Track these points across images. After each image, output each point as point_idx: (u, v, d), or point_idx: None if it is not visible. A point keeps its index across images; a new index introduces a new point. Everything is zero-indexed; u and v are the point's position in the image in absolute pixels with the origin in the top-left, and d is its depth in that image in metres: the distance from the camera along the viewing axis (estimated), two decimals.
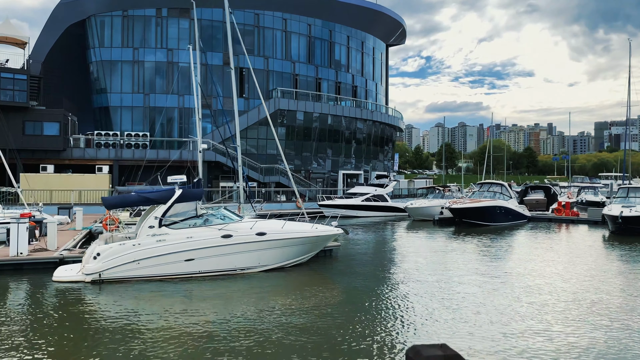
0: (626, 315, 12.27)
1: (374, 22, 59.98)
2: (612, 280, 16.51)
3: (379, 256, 23.10)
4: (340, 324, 11.69)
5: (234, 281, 16.13)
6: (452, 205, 34.69)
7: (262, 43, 50.26)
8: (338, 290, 15.70)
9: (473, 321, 11.79)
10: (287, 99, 50.24)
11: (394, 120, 64.45)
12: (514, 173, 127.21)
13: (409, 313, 12.66)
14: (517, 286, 15.58)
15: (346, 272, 18.37)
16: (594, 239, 28.30)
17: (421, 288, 15.63)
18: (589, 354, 9.66)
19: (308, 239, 17.31)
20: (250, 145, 48.73)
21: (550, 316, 12.21)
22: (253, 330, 11.20)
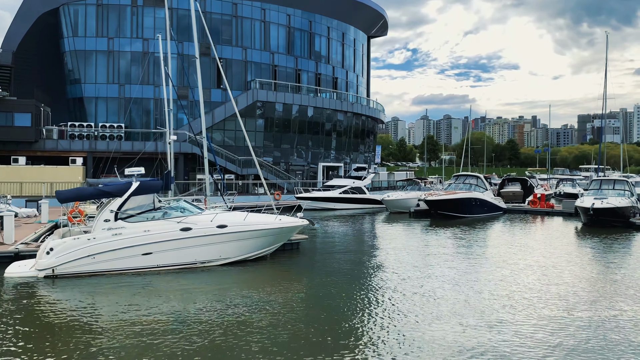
0: (588, 305, 12.21)
1: (355, 13, 59.53)
2: (578, 272, 16.49)
3: (347, 249, 22.92)
4: (303, 319, 11.51)
5: (194, 275, 15.83)
6: (427, 197, 34.66)
7: (240, 33, 49.60)
8: (301, 284, 15.48)
9: (439, 314, 11.65)
10: (265, 90, 49.72)
11: (375, 112, 64.21)
12: (497, 165, 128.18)
13: (374, 306, 12.49)
14: (483, 278, 15.49)
15: (311, 265, 18.17)
16: (565, 230, 28.44)
17: (387, 281, 15.46)
18: (555, 345, 9.56)
19: (271, 231, 17.04)
20: (228, 137, 48.22)
21: (512, 309, 12.10)
22: (213, 325, 10.96)
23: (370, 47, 70.40)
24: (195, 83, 49.29)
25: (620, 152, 63.45)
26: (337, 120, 56.58)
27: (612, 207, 27.65)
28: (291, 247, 19.98)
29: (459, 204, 34.65)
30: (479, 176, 38.27)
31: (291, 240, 19.66)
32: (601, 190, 31.27)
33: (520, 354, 9.22)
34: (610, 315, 11.60)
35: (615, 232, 26.42)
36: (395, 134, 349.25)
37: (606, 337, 10.12)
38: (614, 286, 14.54)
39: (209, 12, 48.30)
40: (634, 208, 29.71)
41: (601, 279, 15.53)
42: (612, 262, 18.46)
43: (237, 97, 48.19)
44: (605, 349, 9.45)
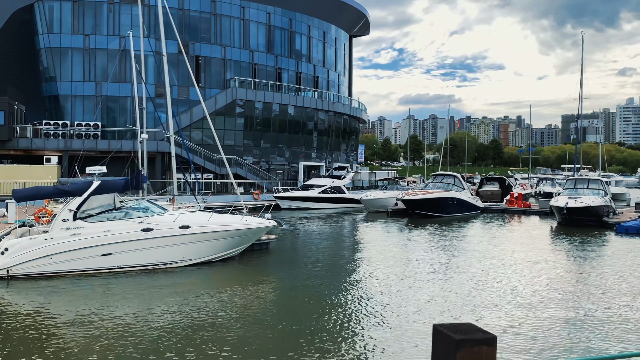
0: (553, 305, 12.13)
1: (336, 12, 59.32)
2: (546, 271, 16.44)
3: (318, 249, 22.71)
4: (267, 321, 11.30)
5: (156, 276, 15.51)
6: (404, 196, 34.58)
7: (219, 31, 49.11)
8: (268, 284, 15.26)
9: (406, 312, 11.50)
10: (245, 89, 49.31)
11: (356, 111, 64.08)
12: (480, 165, 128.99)
13: (341, 306, 12.31)
14: (451, 276, 15.37)
15: (280, 266, 17.95)
16: (539, 230, 28.54)
17: (356, 280, 15.31)
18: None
19: (236, 232, 16.76)
20: (207, 136, 47.67)
21: (479, 308, 11.98)
22: (176, 326, 10.72)
23: (352, 46, 70.23)
24: (173, 81, 48.89)
25: (599, 152, 64.11)
26: (318, 120, 56.35)
27: (586, 206, 27.78)
28: (260, 248, 19.71)
29: (435, 204, 34.61)
30: (457, 175, 38.30)
31: (260, 241, 19.40)
32: (576, 190, 31.43)
33: None
34: (575, 314, 11.53)
35: (588, 231, 26.54)
36: (382, 133, 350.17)
37: (565, 335, 10.04)
38: (579, 285, 14.50)
39: (187, 10, 47.80)
40: (607, 207, 29.91)
41: (568, 278, 15.50)
42: (581, 261, 18.48)
43: (216, 96, 47.82)
44: (564, 347, 9.36)
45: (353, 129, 65.49)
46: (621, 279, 15.43)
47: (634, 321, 11.06)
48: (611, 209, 30.79)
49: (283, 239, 23.66)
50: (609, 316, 11.38)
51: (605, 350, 9.32)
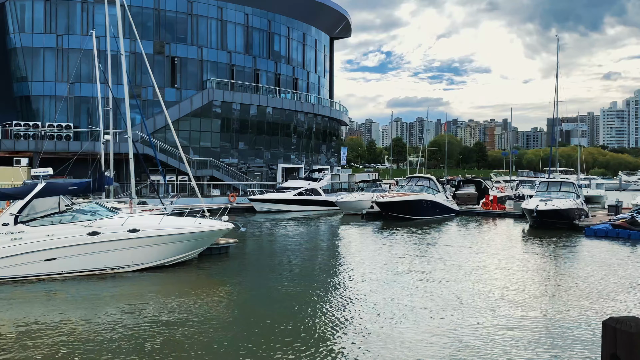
0: (514, 307, 11.81)
1: (316, 14, 59.04)
2: (508, 274, 16.16)
3: (283, 253, 22.26)
4: (217, 327, 10.86)
5: (103, 282, 14.97)
6: (378, 199, 34.28)
7: (196, 32, 48.56)
8: (221, 291, 14.75)
9: (367, 318, 11.10)
10: (222, 90, 48.79)
11: (337, 114, 63.82)
12: (464, 167, 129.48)
13: (301, 311, 11.92)
14: (412, 280, 15.01)
15: (237, 271, 17.46)
16: (510, 232, 28.34)
17: (317, 284, 14.91)
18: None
19: (188, 236, 16.27)
20: (183, 138, 47.02)
21: (435, 311, 11.62)
22: (124, 333, 10.27)
23: (333, 48, 70.00)
24: (149, 82, 48.18)
25: (578, 155, 64.46)
26: (298, 121, 55.96)
27: (556, 209, 27.65)
28: (219, 252, 19.22)
29: (410, 206, 34.36)
30: (432, 178, 38.08)
31: (218, 245, 18.93)
32: (549, 193, 31.34)
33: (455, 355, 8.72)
34: (537, 314, 11.22)
35: (558, 233, 26.41)
36: (369, 135, 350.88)
37: (524, 336, 9.71)
38: (534, 288, 14.21)
39: (163, 10, 47.19)
40: (579, 210, 29.83)
41: (526, 281, 15.21)
42: (545, 264, 18.23)
43: (192, 97, 47.25)
44: (526, 348, 9.03)
45: (334, 131, 65.20)
46: (583, 281, 15.18)
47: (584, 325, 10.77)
48: (583, 211, 30.74)
49: (246, 243, 23.21)
50: (561, 320, 11.08)
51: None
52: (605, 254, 20.55)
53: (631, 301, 12.97)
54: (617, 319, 2.63)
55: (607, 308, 12.28)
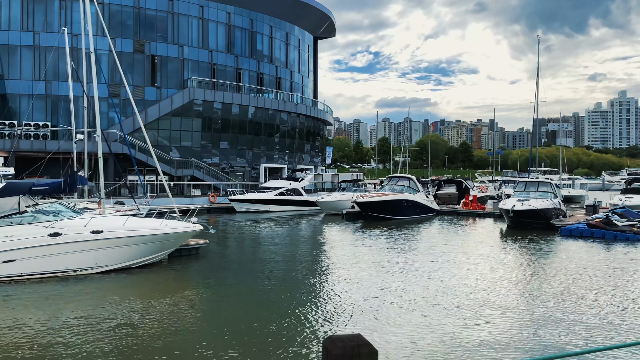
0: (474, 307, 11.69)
1: (299, 13, 58.78)
2: (478, 274, 16.06)
3: (255, 253, 22.02)
4: (182, 329, 10.59)
5: (65, 284, 14.62)
6: (358, 199, 34.16)
7: (176, 30, 48.06)
8: (188, 293, 14.44)
9: (336, 318, 10.88)
10: (203, 89, 48.34)
11: (321, 113, 63.60)
12: (450, 167, 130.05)
13: (268, 313, 11.70)
14: (380, 280, 14.85)
15: (206, 272, 17.15)
16: (487, 232, 28.34)
17: (287, 285, 14.71)
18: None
19: (154, 237, 15.96)
20: (163, 137, 46.59)
21: (405, 311, 11.45)
22: (79, 338, 9.93)
23: (317, 48, 69.79)
24: (128, 81, 47.58)
25: (560, 156, 64.91)
26: (281, 121, 55.66)
27: (533, 208, 27.70)
28: (189, 253, 18.92)
29: (390, 206, 34.28)
30: (412, 178, 38.05)
31: (188, 246, 18.63)
32: (527, 193, 31.40)
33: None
34: (490, 312, 11.10)
35: (534, 233, 26.44)
36: (357, 135, 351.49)
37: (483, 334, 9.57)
38: (503, 287, 14.12)
39: (143, 8, 46.63)
40: (556, 210, 29.92)
41: (498, 280, 15.12)
42: (517, 264, 18.18)
43: (173, 96, 46.77)
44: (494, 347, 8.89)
45: (318, 131, 64.99)
46: (555, 280, 15.12)
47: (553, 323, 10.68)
48: (561, 211, 30.84)
49: (219, 244, 22.92)
50: (529, 318, 10.98)
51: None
52: (577, 254, 20.58)
53: (589, 298, 12.93)
54: (335, 338, 2.76)
55: (555, 310, 12.21)
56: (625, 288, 14.39)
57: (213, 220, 35.55)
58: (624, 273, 16.50)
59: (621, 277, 15.83)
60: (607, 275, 16.12)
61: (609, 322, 11.09)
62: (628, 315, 11.63)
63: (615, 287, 14.48)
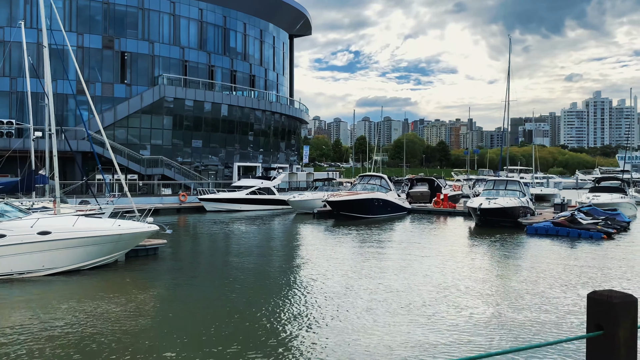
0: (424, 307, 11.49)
1: (274, 11, 58.30)
2: (435, 272, 15.92)
3: (215, 254, 21.64)
4: (132, 332, 10.22)
5: (9, 287, 14.04)
6: (329, 198, 33.93)
7: (147, 26, 47.17)
8: (141, 294, 13.96)
9: (286, 320, 10.55)
10: (174, 87, 47.55)
11: (297, 112, 63.22)
12: (428, 166, 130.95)
13: (222, 317, 11.34)
14: (338, 280, 14.59)
15: (160, 274, 16.70)
16: (455, 230, 28.35)
17: (245, 285, 14.36)
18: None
19: (105, 238, 15.45)
20: (132, 135, 45.71)
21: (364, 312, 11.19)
22: (22, 344, 9.46)
23: (293, 46, 69.38)
24: (97, 77, 46.66)
25: (532, 155, 65.65)
26: (255, 119, 55.12)
27: (500, 207, 27.80)
28: (146, 254, 18.43)
29: (361, 205, 34.13)
30: (383, 176, 37.99)
31: (145, 246, 18.15)
32: (497, 191, 31.53)
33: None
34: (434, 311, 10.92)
35: (501, 232, 26.50)
36: (338, 134, 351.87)
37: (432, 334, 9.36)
38: (467, 285, 13.99)
39: (112, 3, 45.66)
40: (524, 208, 30.08)
41: (451, 279, 14.99)
42: (476, 262, 18.11)
43: (143, 93, 45.93)
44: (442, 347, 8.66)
45: (294, 130, 64.61)
46: (512, 279, 15.06)
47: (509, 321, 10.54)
48: (529, 209, 31.03)
49: (180, 244, 22.47)
50: (483, 317, 10.83)
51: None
52: (540, 252, 20.64)
53: (544, 296, 12.87)
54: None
55: (506, 309, 12.12)
56: (578, 285, 14.40)
57: (184, 219, 35.00)
58: (582, 271, 16.55)
59: (579, 275, 15.87)
60: (569, 274, 16.14)
61: (550, 321, 11.01)
62: (574, 313, 11.58)
63: (569, 286, 14.47)
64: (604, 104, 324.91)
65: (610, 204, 33.91)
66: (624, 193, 37.51)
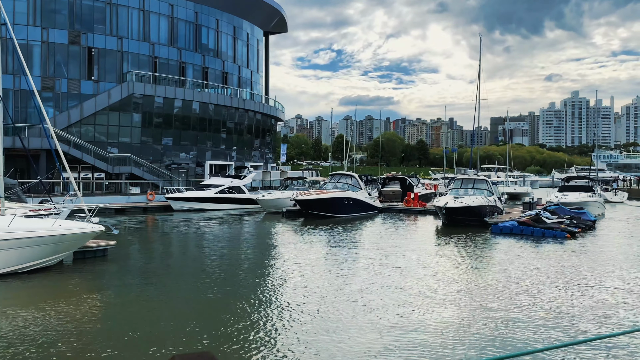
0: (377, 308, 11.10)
1: (248, 7, 57.55)
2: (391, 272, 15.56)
3: (170, 255, 20.99)
4: (66, 341, 9.60)
5: None
6: (297, 197, 33.47)
7: (115, 22, 46.11)
8: (86, 299, 13.30)
9: (239, 322, 10.02)
10: (143, 83, 46.58)
11: (272, 110, 62.58)
12: (407, 165, 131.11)
13: (175, 318, 10.90)
14: (288, 282, 14.13)
15: (109, 277, 16.02)
16: (421, 230, 28.11)
17: (197, 287, 13.82)
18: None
19: (44, 239, 14.74)
20: (100, 133, 44.66)
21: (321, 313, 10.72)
22: None
23: (268, 43, 68.69)
24: (63, 73, 45.48)
25: (506, 153, 66.03)
26: (228, 117, 54.34)
27: (465, 206, 27.63)
28: (94, 255, 17.74)
29: (330, 204, 33.74)
30: (354, 175, 37.65)
31: (92, 248, 17.46)
32: (465, 190, 31.40)
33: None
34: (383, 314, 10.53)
35: (467, 231, 26.31)
36: (320, 133, 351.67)
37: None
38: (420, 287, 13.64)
39: None
40: (491, 207, 29.98)
41: (412, 281, 14.65)
42: (432, 262, 17.83)
43: (110, 90, 44.91)
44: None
45: (269, 128, 63.96)
46: (467, 280, 14.76)
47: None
48: (496, 208, 30.94)
49: (133, 245, 21.80)
50: (421, 321, 10.47)
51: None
52: (501, 252, 20.46)
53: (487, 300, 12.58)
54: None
55: (451, 312, 11.80)
56: (537, 287, 14.16)
57: (152, 219, 34.22)
58: (539, 272, 16.35)
59: (537, 278, 15.65)
60: (527, 275, 15.91)
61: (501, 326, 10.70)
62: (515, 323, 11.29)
63: (522, 289, 14.22)
64: (581, 104, 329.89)
65: (578, 202, 34.06)
66: (593, 192, 37.75)
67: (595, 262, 18.21)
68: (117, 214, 35.62)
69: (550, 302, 12.54)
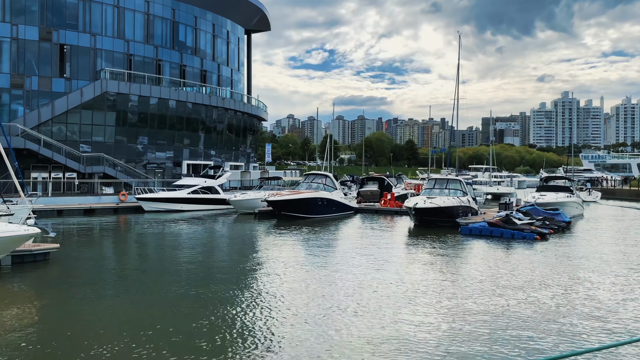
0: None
1: (228, 5, 56.65)
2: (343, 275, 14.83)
3: (119, 259, 20.14)
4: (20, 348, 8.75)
5: None
6: (270, 197, 32.69)
7: (88, 18, 45.08)
8: (26, 305, 12.45)
9: (190, 328, 9.24)
10: (117, 81, 45.58)
11: (254, 109, 61.72)
12: (396, 165, 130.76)
13: (118, 330, 10.04)
14: (256, 284, 13.36)
15: (47, 282, 15.16)
16: (392, 231, 27.42)
17: (142, 291, 13.03)
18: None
19: None
20: (71, 132, 43.65)
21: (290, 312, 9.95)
22: None
23: (250, 42, 67.81)
24: (33, 71, 44.36)
25: (490, 153, 65.60)
26: (207, 116, 53.42)
27: (435, 206, 26.98)
28: (34, 259, 16.87)
29: (303, 204, 33.01)
30: (329, 175, 36.94)
31: (32, 251, 16.61)
32: (440, 190, 30.73)
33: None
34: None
35: (437, 232, 25.66)
36: (312, 133, 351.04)
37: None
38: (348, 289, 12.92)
39: None
40: (464, 207, 29.34)
41: (371, 281, 13.92)
42: (395, 264, 17.12)
43: (83, 88, 43.90)
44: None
45: (251, 127, 63.10)
46: (422, 282, 14.05)
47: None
48: (469, 209, 30.30)
49: (80, 249, 20.96)
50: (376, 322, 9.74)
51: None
52: (469, 254, 19.80)
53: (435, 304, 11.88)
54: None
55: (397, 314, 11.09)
56: (496, 293, 13.47)
57: (124, 219, 33.32)
58: (503, 276, 15.68)
59: (496, 283, 14.98)
60: (492, 279, 15.23)
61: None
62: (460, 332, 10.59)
63: (482, 294, 13.54)
64: (572, 104, 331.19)
65: (556, 203, 33.50)
66: (571, 192, 37.23)
67: (558, 266, 17.57)
68: (85, 215, 34.70)
69: (496, 308, 11.85)
